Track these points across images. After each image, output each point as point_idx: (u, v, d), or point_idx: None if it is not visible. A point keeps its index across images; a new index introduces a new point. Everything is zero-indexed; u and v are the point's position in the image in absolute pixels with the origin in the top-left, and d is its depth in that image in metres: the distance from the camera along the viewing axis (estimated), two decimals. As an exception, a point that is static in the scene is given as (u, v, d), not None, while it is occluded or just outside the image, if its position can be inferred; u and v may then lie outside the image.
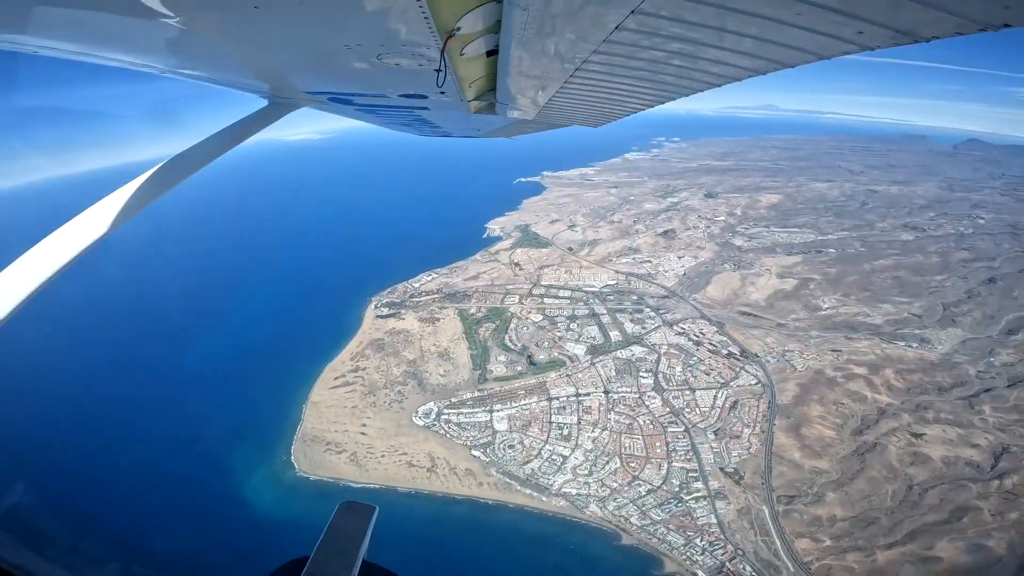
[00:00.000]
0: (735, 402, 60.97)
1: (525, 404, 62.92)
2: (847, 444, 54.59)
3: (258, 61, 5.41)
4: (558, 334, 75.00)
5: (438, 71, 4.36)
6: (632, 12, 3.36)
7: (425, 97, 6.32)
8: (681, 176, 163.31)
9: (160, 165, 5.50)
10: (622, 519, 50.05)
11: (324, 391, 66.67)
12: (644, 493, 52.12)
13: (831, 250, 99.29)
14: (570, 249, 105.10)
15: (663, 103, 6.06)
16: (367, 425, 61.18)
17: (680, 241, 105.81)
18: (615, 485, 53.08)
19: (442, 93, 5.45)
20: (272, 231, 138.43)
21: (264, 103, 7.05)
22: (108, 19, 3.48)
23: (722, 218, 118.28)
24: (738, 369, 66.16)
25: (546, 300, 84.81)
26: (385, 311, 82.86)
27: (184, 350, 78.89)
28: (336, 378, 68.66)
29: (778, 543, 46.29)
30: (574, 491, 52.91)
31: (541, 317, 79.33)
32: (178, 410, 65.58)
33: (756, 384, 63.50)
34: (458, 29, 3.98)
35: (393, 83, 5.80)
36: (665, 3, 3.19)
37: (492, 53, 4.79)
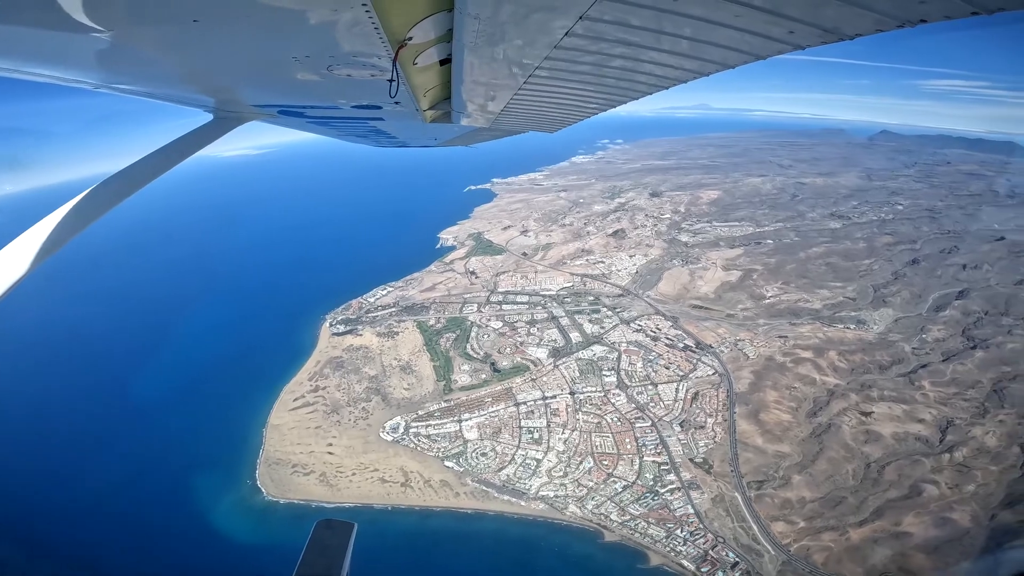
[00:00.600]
0: (696, 393, 62.99)
1: (493, 411, 62.86)
2: (804, 427, 57.21)
3: (201, 75, 5.19)
4: (519, 339, 75.34)
5: (391, 81, 4.33)
6: (580, 18, 3.47)
7: (379, 107, 6.26)
8: (627, 177, 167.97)
9: (96, 186, 5.18)
10: (602, 517, 50.76)
11: (284, 413, 64.61)
12: (620, 489, 53.01)
13: (769, 241, 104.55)
14: (524, 254, 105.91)
15: (616, 106, 6.25)
16: (333, 444, 59.73)
17: (630, 240, 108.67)
18: (591, 484, 53.75)
19: (396, 103, 5.42)
20: (213, 252, 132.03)
21: (209, 117, 6.78)
22: (34, 33, 3.26)
23: (668, 216, 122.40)
24: (695, 361, 68.46)
25: (504, 307, 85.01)
26: (341, 328, 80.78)
27: (129, 377, 75.00)
28: (295, 399, 66.63)
29: (755, 528, 47.79)
30: (552, 493, 53.27)
31: (501, 324, 79.45)
32: (128, 440, 62.30)
33: (713, 374, 65.87)
34: (410, 38, 3.97)
35: (345, 94, 5.71)
36: (612, 9, 3.29)
37: (446, 62, 4.82)
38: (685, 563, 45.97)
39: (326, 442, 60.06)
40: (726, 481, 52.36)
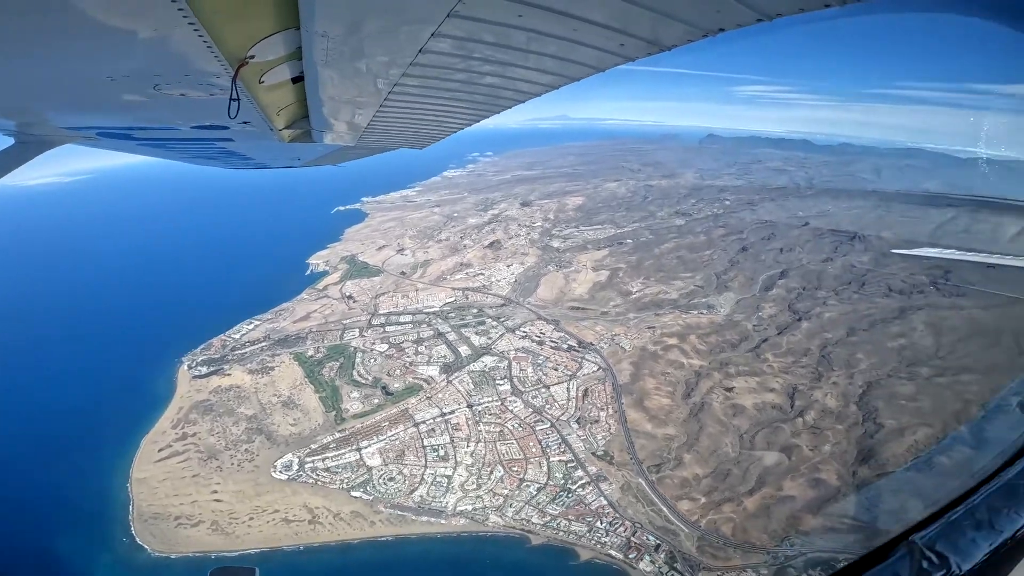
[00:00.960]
0: (586, 390, 66.42)
1: (393, 435, 60.87)
2: (682, 408, 62.66)
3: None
4: (408, 360, 73.48)
5: (234, 100, 3.98)
6: (433, 35, 3.53)
7: (225, 128, 5.70)
8: (498, 188, 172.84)
9: None
10: (524, 521, 51.25)
11: (148, 466, 57.39)
12: (535, 492, 53.94)
13: (629, 241, 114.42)
14: (403, 273, 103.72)
15: (479, 120, 6.41)
16: (219, 491, 54.23)
17: (506, 250, 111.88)
18: (506, 492, 54.08)
19: (245, 123, 4.99)
20: (21, 298, 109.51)
21: (9, 141, 5.63)
22: None
23: (539, 224, 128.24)
24: (580, 360, 72.27)
25: (388, 328, 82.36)
26: (203, 370, 72.35)
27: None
28: (160, 450, 59.34)
29: (665, 510, 50.83)
30: (470, 507, 52.73)
31: (387, 346, 76.84)
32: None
33: (598, 370, 70.03)
34: (251, 57, 3.70)
35: (181, 114, 5.11)
36: (463, 26, 3.39)
37: (299, 79, 4.57)
38: (613, 553, 47.89)
39: (210, 490, 54.42)
40: (629, 469, 55.66)
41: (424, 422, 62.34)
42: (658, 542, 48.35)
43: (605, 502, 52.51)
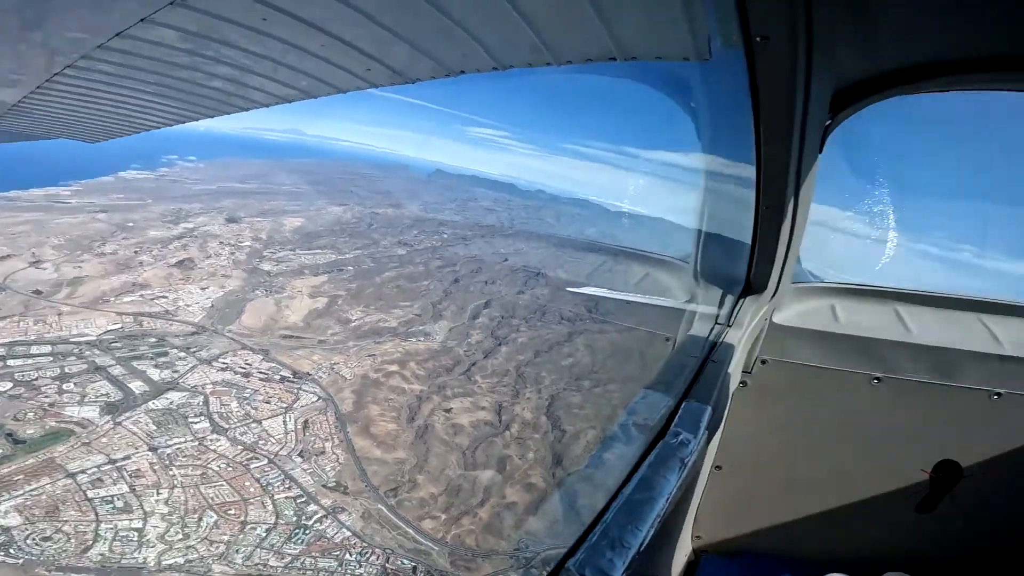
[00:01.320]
0: (306, 422, 61.44)
1: (34, 489, 44.18)
2: (409, 432, 63.80)
3: None
4: (48, 400, 54.79)
5: None
6: (143, 20, 3.09)
7: None
8: (197, 199, 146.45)
9: None
10: (261, 567, 43.30)
11: None
12: (265, 534, 46.32)
13: (350, 268, 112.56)
14: (37, 292, 77.27)
15: (188, 122, 5.61)
16: None
17: (201, 271, 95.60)
18: (226, 538, 44.81)
19: None
20: None
21: None
22: None
23: (247, 243, 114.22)
24: (296, 391, 66.74)
25: (12, 362, 59.94)
26: None
27: None
28: None
29: (411, 531, 49.98)
30: (181, 559, 41.67)
31: (11, 384, 55.75)
32: None
33: (318, 400, 65.76)
34: None
35: None
36: (190, 16, 3.04)
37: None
38: (373, 580, 44.90)
39: None
40: (366, 497, 53.44)
41: (84, 471, 47.83)
42: (414, 564, 48.32)
43: (349, 532, 49.73)
